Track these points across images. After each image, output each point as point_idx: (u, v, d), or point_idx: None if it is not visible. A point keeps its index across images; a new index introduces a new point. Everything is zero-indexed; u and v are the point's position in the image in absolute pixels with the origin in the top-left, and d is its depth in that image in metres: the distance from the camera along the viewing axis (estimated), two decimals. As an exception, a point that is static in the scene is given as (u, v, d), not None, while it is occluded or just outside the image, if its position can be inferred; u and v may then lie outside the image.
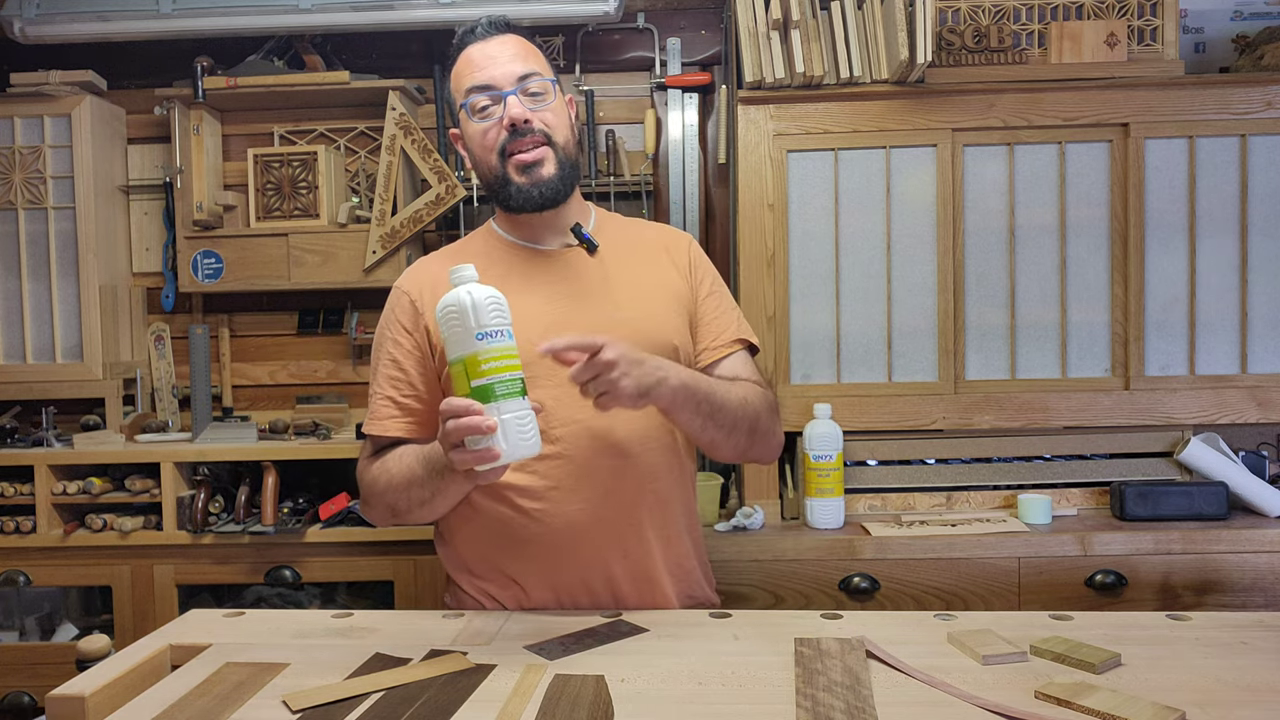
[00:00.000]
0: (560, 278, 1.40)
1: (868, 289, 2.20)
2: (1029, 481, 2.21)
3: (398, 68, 2.61)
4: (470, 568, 1.42)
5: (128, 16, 2.40)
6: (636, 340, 1.29)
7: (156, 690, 1.09)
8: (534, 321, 1.32)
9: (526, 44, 1.40)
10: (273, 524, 2.22)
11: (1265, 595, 1.98)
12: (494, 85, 1.35)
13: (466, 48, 1.39)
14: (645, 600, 1.39)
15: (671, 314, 1.42)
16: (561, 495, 1.34)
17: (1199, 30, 2.46)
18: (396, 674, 1.10)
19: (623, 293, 1.40)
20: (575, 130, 1.43)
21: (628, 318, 1.37)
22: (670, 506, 1.41)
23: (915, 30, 1.98)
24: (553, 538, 1.34)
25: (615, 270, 1.42)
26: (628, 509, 1.36)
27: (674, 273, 1.46)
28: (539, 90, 1.36)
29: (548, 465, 1.33)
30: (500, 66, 1.35)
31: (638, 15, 2.58)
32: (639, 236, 1.51)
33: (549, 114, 1.36)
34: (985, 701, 1.00)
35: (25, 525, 2.27)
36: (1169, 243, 2.18)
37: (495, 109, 1.35)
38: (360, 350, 2.67)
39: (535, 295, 1.37)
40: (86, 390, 2.51)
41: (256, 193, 2.53)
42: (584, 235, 1.42)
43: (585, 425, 1.33)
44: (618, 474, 1.35)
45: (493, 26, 1.39)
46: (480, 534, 1.39)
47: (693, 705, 1.02)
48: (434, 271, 1.42)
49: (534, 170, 1.35)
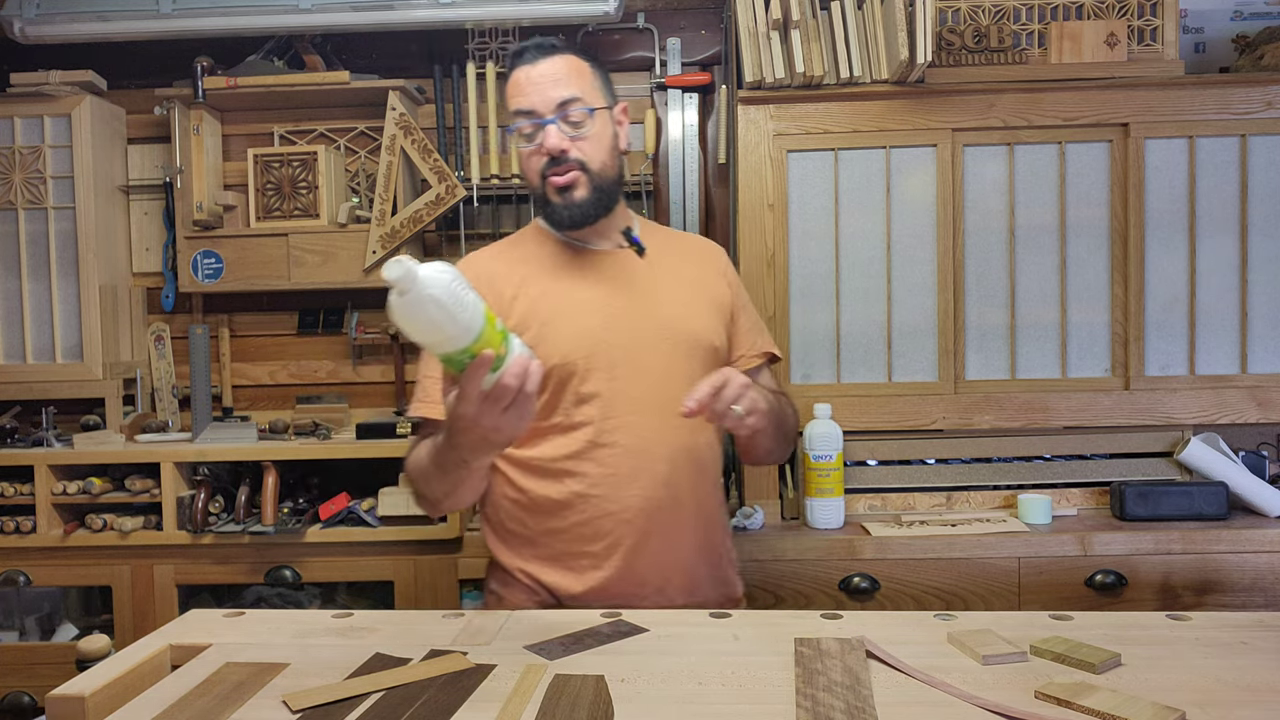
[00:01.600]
0: (611, 275, 1.49)
1: (868, 289, 2.20)
2: (1029, 481, 2.21)
3: (398, 68, 2.61)
4: (518, 552, 1.47)
5: (128, 16, 2.40)
6: (682, 337, 1.46)
7: (156, 690, 1.09)
8: (591, 313, 1.43)
9: (574, 64, 1.44)
10: (273, 524, 2.22)
11: (1265, 595, 1.98)
12: (535, 112, 1.42)
13: (515, 70, 1.45)
14: (682, 585, 1.45)
15: (713, 317, 1.52)
16: (619, 482, 1.41)
17: (1199, 30, 2.46)
18: (396, 674, 1.10)
19: (669, 293, 1.49)
20: (617, 148, 1.50)
21: (674, 315, 1.47)
22: (714, 495, 1.52)
23: (915, 30, 1.98)
24: (608, 524, 1.41)
25: (662, 272, 1.51)
26: (680, 497, 1.44)
27: (713, 279, 1.57)
28: (578, 119, 1.43)
29: (605, 454, 1.41)
30: (542, 92, 1.42)
31: (638, 15, 2.58)
32: (680, 242, 1.63)
33: (586, 141, 1.43)
34: (985, 701, 1.00)
35: (25, 525, 2.27)
36: (1169, 242, 2.18)
37: (537, 135, 1.43)
38: (360, 350, 2.67)
39: (589, 289, 1.46)
40: (86, 390, 2.51)
41: (256, 193, 2.53)
42: (634, 238, 1.50)
43: (640, 418, 1.42)
44: (673, 463, 1.43)
45: (540, 50, 1.44)
46: (530, 520, 1.45)
47: (693, 705, 1.02)
48: (489, 267, 1.50)
49: (568, 193, 1.44)
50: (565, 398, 1.41)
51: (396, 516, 2.21)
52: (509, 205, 2.60)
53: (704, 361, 1.46)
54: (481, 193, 2.55)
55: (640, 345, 1.43)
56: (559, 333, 1.41)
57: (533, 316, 1.43)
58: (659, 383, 1.42)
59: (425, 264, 1.00)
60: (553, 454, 1.42)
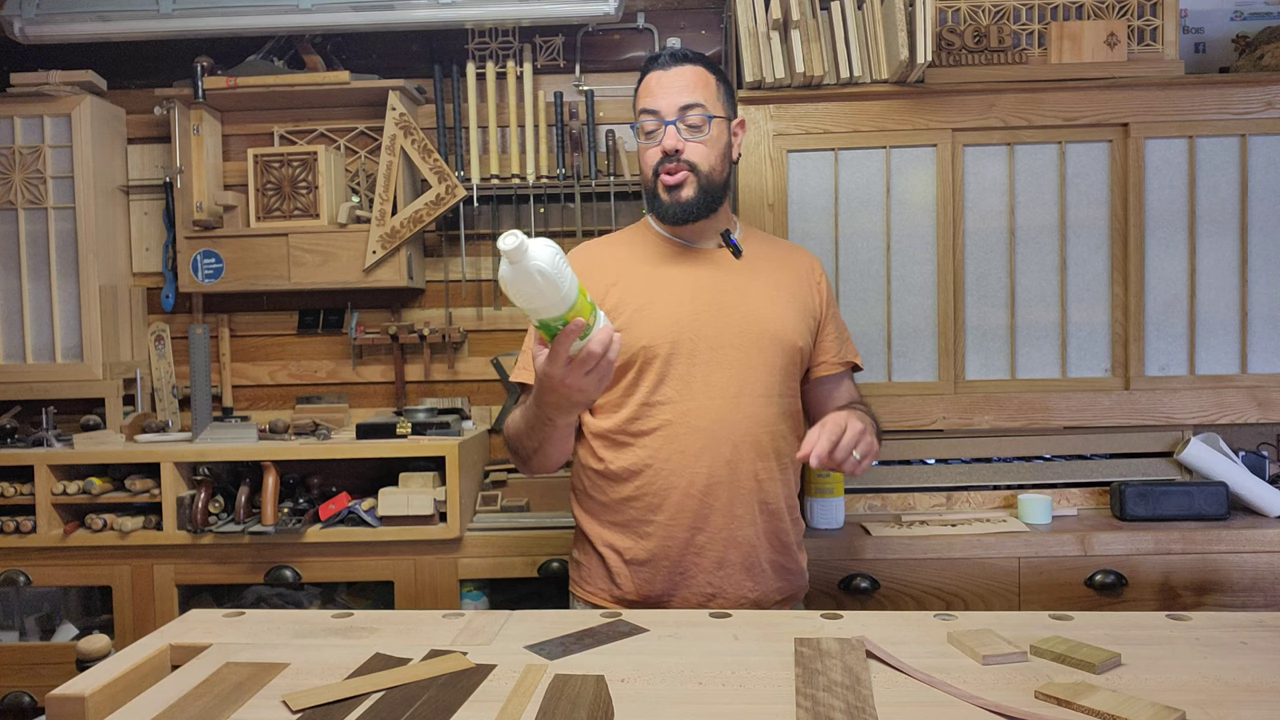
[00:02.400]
0: (708, 272, 1.60)
1: (867, 289, 2.20)
2: (1029, 481, 2.21)
3: (398, 68, 2.61)
4: (596, 517, 1.60)
5: (128, 16, 2.40)
6: (765, 333, 1.56)
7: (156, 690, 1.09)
8: (681, 304, 1.55)
9: (702, 75, 1.58)
10: (273, 524, 2.22)
11: (1265, 595, 1.98)
12: (659, 113, 1.56)
13: (649, 73, 1.59)
14: (741, 562, 1.54)
15: (800, 320, 1.62)
16: (685, 458, 1.52)
17: (1199, 30, 2.46)
18: (396, 674, 1.10)
19: (761, 294, 1.60)
20: (729, 156, 1.62)
21: (762, 315, 1.58)
22: (780, 482, 1.59)
23: (915, 30, 1.98)
24: (674, 496, 1.52)
25: (755, 274, 1.62)
26: (740, 478, 1.54)
27: (806, 286, 1.66)
28: (697, 123, 1.55)
29: (677, 430, 1.52)
30: (669, 96, 1.55)
31: (638, 15, 2.58)
32: (777, 248, 1.71)
33: (701, 145, 1.56)
34: (985, 701, 1.00)
35: (25, 525, 2.27)
36: (1169, 243, 2.18)
37: (658, 133, 1.56)
38: (360, 350, 2.68)
39: (685, 283, 1.58)
40: (86, 390, 2.51)
41: (256, 193, 2.53)
42: (731, 240, 1.62)
43: (713, 402, 1.53)
44: (736, 447, 1.53)
45: (673, 58, 1.58)
46: (607, 487, 1.58)
47: (692, 705, 1.02)
48: (598, 253, 1.65)
49: (676, 191, 1.56)
50: (648, 377, 1.54)
51: (396, 516, 2.21)
52: (509, 205, 2.60)
53: (784, 359, 1.58)
54: (481, 193, 2.55)
55: (723, 337, 1.55)
56: (649, 318, 1.54)
57: (628, 302, 1.56)
58: (736, 373, 1.54)
59: (534, 239, 1.13)
60: (631, 428, 1.55)
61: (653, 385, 1.54)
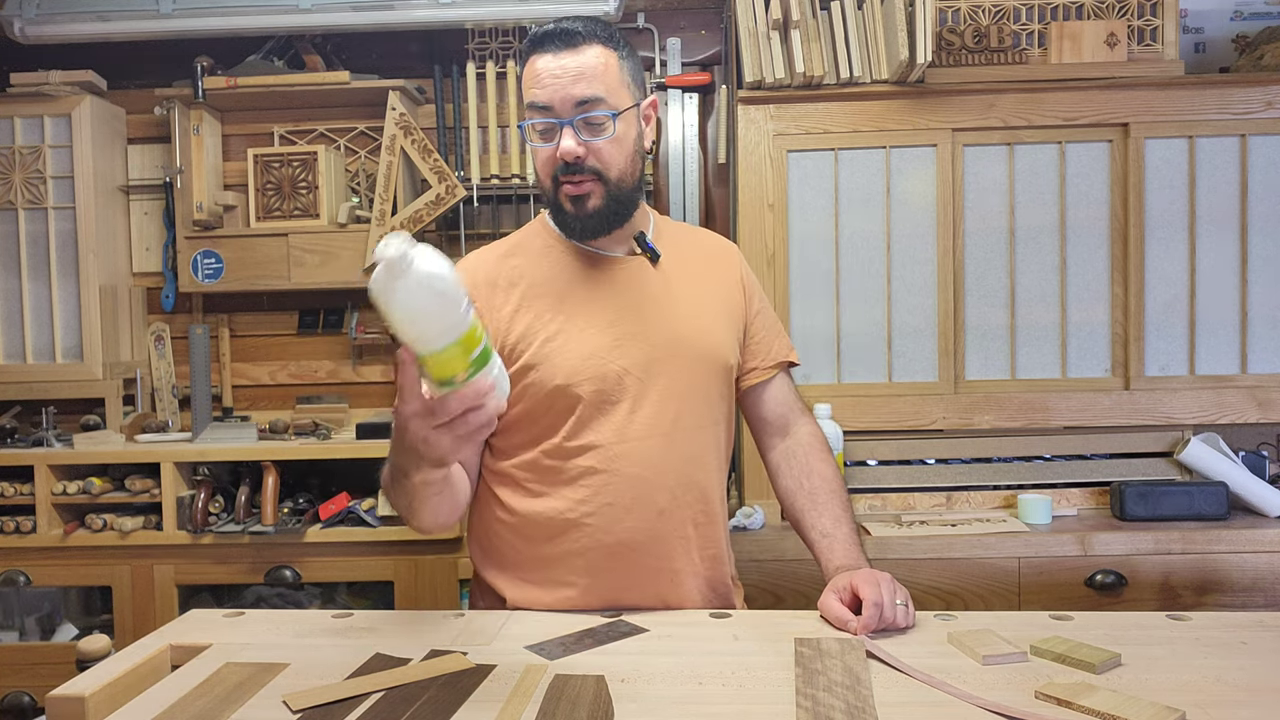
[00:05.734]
0: (624, 288, 1.38)
1: (868, 289, 2.20)
2: (1029, 481, 2.21)
3: (398, 68, 2.61)
4: (505, 571, 1.39)
5: (128, 16, 2.40)
6: (696, 355, 1.36)
7: (156, 690, 1.09)
8: (599, 332, 1.33)
9: (601, 57, 1.29)
10: (273, 524, 2.22)
11: (1265, 595, 1.98)
12: (552, 109, 1.28)
13: (535, 56, 1.30)
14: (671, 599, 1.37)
15: (728, 331, 1.42)
16: (615, 513, 1.32)
17: (1199, 30, 2.46)
18: (396, 674, 1.10)
19: (684, 306, 1.39)
20: (640, 149, 1.37)
21: (688, 333, 1.37)
22: (717, 524, 1.41)
23: (915, 30, 1.98)
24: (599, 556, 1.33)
25: (676, 282, 1.41)
26: (680, 529, 1.35)
27: (729, 286, 1.46)
28: (599, 121, 1.29)
29: (605, 481, 1.32)
30: (562, 89, 1.27)
31: (638, 15, 2.58)
32: (695, 244, 1.50)
33: (605, 147, 1.30)
34: (985, 701, 1.00)
35: (25, 525, 2.27)
36: (1169, 242, 2.18)
37: (552, 134, 1.30)
38: (360, 350, 2.67)
39: (600, 305, 1.36)
40: (86, 390, 2.51)
41: (256, 193, 2.53)
42: (648, 245, 1.40)
43: (644, 444, 1.33)
44: (674, 495, 1.34)
45: (565, 40, 1.28)
46: (520, 544, 1.37)
47: (692, 705, 1.01)
48: (490, 273, 1.39)
49: (581, 203, 1.32)
50: (567, 422, 1.32)
51: (396, 516, 2.21)
52: (509, 205, 2.60)
53: (718, 380, 1.40)
54: (481, 193, 2.54)
55: (650, 368, 1.33)
56: (562, 352, 1.31)
57: (536, 331, 1.33)
58: (668, 407, 1.33)
59: (421, 246, 0.92)
60: (549, 477, 1.33)
61: (572, 430, 1.31)
